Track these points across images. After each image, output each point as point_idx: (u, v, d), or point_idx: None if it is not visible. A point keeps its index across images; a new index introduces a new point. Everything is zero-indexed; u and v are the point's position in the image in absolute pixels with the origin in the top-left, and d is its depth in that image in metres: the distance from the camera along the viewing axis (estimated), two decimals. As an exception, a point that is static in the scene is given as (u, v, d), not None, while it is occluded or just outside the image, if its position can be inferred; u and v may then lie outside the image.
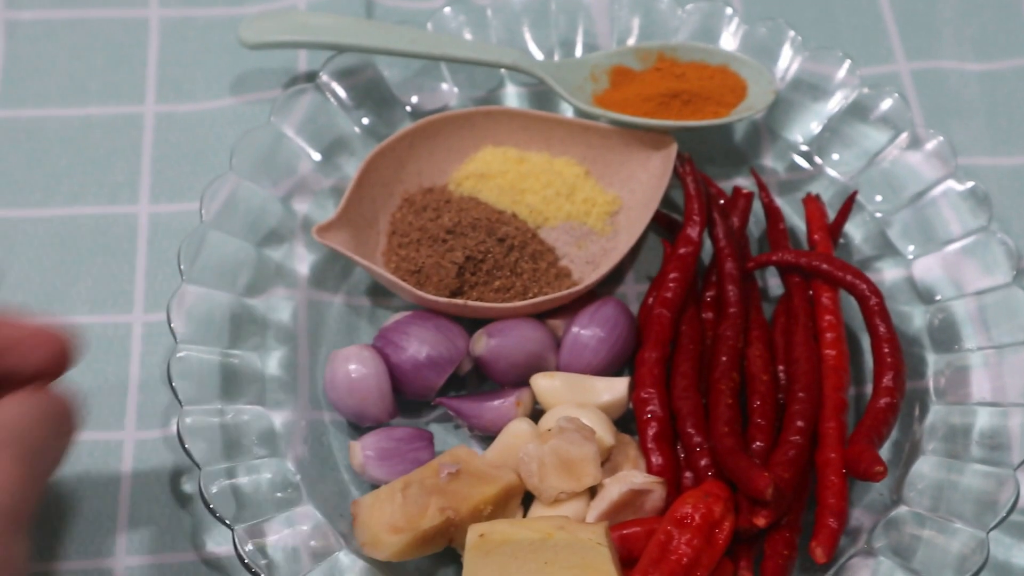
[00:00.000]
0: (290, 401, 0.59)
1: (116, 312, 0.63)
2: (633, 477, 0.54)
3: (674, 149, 0.64)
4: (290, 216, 0.64)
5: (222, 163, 0.63)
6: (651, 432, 0.56)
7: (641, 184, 0.65)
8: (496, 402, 0.58)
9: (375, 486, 0.56)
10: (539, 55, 0.71)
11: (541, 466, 0.54)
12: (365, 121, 0.68)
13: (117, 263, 0.65)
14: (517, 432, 0.56)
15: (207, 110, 0.70)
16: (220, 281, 0.59)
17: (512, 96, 0.71)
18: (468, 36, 0.69)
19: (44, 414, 0.45)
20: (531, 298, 0.60)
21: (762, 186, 0.66)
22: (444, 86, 0.70)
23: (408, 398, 0.60)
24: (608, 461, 0.56)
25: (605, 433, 0.56)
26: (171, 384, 0.55)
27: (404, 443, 0.57)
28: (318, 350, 0.62)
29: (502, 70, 0.70)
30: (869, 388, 0.59)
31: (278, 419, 0.58)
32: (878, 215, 0.65)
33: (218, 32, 0.73)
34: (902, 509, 0.55)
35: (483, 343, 0.59)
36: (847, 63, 0.67)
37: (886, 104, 0.66)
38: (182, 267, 0.58)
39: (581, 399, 0.57)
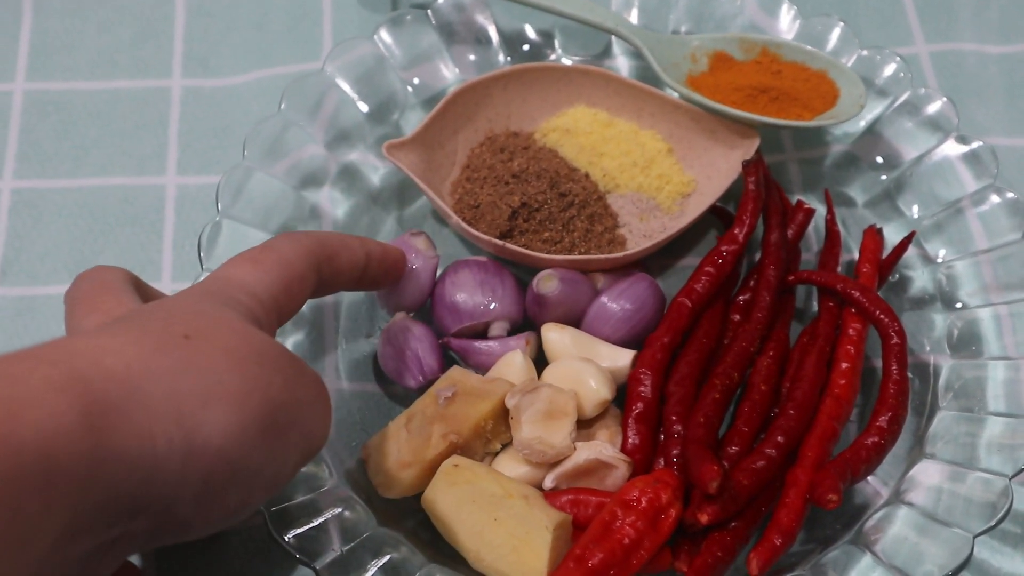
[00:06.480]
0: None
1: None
2: (605, 448, 0.54)
3: (756, 144, 0.63)
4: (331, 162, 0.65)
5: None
6: (635, 411, 0.56)
7: (719, 173, 0.65)
8: (508, 340, 0.58)
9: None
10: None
11: (530, 406, 0.53)
12: (416, 81, 0.69)
13: (145, 233, 0.66)
14: (511, 362, 0.57)
15: (233, 85, 0.71)
16: (256, 219, 0.60)
17: (615, 66, 0.72)
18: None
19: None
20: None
21: (830, 208, 0.64)
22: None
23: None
24: (589, 427, 0.56)
25: (603, 387, 0.55)
26: None
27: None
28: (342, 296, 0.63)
29: (612, 37, 0.70)
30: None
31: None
32: (883, 177, 0.66)
33: (244, 8, 0.74)
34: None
35: (553, 284, 0.58)
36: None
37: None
38: (220, 204, 0.59)
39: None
